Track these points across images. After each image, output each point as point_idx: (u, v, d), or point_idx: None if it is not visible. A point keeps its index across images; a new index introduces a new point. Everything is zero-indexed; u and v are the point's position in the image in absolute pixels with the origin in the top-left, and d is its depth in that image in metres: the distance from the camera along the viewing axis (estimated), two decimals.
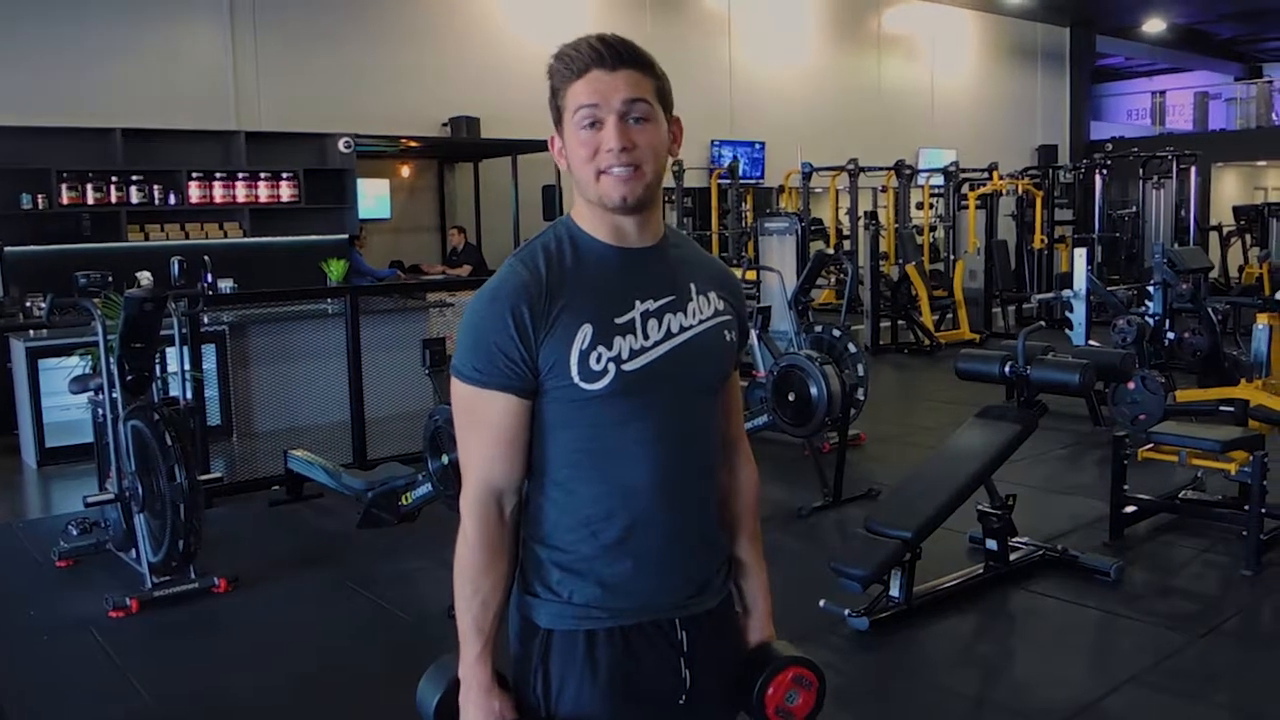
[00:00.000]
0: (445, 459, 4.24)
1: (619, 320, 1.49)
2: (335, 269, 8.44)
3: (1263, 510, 4.61)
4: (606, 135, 1.47)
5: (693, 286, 1.58)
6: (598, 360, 1.46)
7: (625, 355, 1.48)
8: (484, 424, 1.48)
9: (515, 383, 1.47)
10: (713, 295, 1.60)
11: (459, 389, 1.50)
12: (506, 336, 1.45)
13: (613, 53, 1.48)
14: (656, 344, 1.51)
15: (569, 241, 1.53)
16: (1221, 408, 5.50)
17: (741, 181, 13.38)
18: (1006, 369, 4.57)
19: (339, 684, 3.71)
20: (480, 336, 1.47)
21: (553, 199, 10.98)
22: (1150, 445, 5.25)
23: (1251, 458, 4.64)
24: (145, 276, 7.05)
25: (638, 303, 1.51)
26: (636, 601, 1.53)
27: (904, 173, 12.70)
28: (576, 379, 1.46)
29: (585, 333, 1.47)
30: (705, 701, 1.60)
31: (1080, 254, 7.81)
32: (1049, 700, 3.48)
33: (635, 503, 1.51)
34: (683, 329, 1.54)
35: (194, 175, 8.90)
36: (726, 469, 1.70)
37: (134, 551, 4.52)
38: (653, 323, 1.51)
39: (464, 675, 1.53)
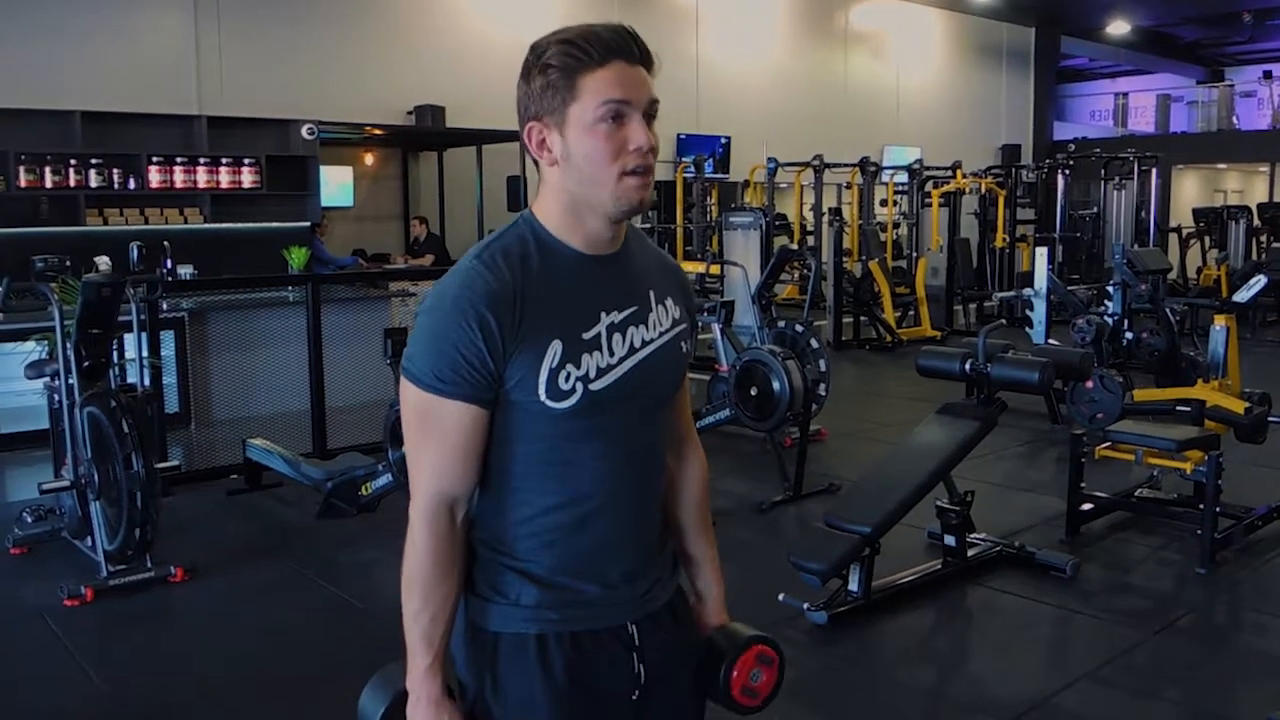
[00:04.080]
0: (404, 449, 4.22)
1: (586, 336, 1.44)
2: (297, 257, 8.35)
3: (1217, 509, 4.68)
4: (634, 134, 1.40)
5: (652, 295, 1.54)
6: (566, 379, 1.42)
7: (592, 374, 1.44)
8: (440, 433, 1.41)
9: (478, 393, 1.40)
10: (669, 303, 1.56)
11: (414, 394, 1.41)
12: (472, 346, 1.37)
13: (639, 45, 1.42)
14: (621, 360, 1.47)
15: (535, 244, 1.45)
16: (1178, 407, 5.59)
17: (707, 176, 13.40)
18: (967, 366, 4.61)
19: (295, 674, 3.68)
20: (442, 343, 1.38)
21: (517, 190, 10.95)
22: (1107, 444, 5.32)
23: (1206, 457, 4.71)
24: (104, 261, 6.89)
25: (603, 314, 1.47)
26: (588, 607, 1.51)
27: (869, 169, 12.76)
28: (544, 398, 1.41)
29: (554, 350, 1.41)
30: (661, 696, 1.59)
31: (1041, 253, 7.89)
32: (1004, 695, 3.52)
33: (589, 511, 1.49)
34: (644, 343, 1.50)
35: (154, 159, 8.77)
36: (676, 463, 1.69)
37: (89, 539, 4.46)
38: (617, 337, 1.47)
39: (412, 688, 1.47)
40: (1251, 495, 5.24)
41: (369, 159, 11.74)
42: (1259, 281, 7.60)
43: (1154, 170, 14.79)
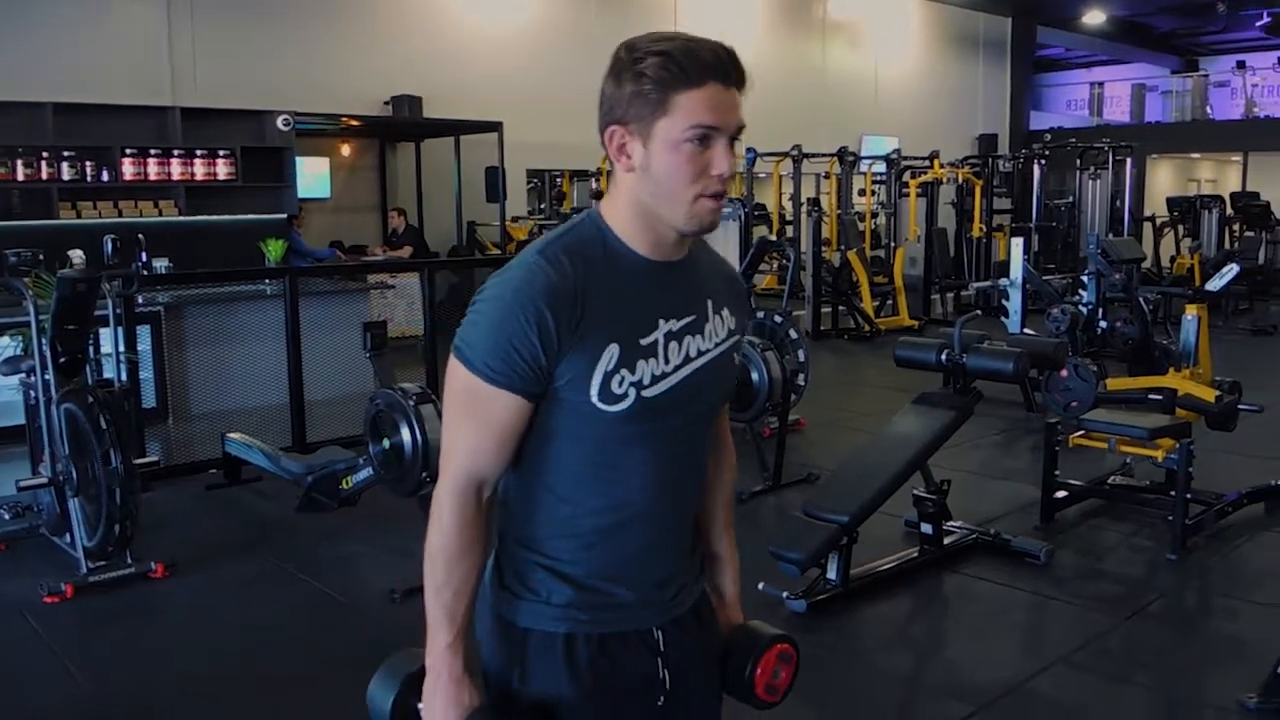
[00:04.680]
0: (386, 443, 4.23)
1: (644, 341, 1.44)
2: (273, 249, 8.33)
3: (1188, 496, 4.75)
4: (718, 159, 1.40)
5: (710, 304, 1.54)
6: (620, 384, 1.42)
7: (647, 381, 1.44)
8: (482, 418, 1.42)
9: (526, 386, 1.40)
10: (725, 313, 1.56)
11: (462, 376, 1.41)
12: (528, 341, 1.37)
13: (736, 70, 1.41)
14: (676, 368, 1.47)
15: (601, 245, 1.45)
16: (1150, 396, 5.66)
17: None
18: (943, 357, 4.65)
19: (278, 669, 3.69)
20: (499, 334, 1.38)
21: (496, 181, 10.93)
22: (1081, 432, 5.39)
23: (1178, 445, 4.78)
24: (77, 255, 6.89)
25: (661, 322, 1.46)
26: (618, 609, 1.52)
27: (847, 159, 12.81)
28: (596, 400, 1.41)
29: (611, 353, 1.41)
30: (685, 699, 1.60)
31: (1017, 243, 7.95)
32: (980, 680, 3.57)
33: (630, 518, 1.50)
34: (700, 353, 1.50)
35: (128, 151, 8.68)
36: (710, 463, 1.70)
37: (69, 536, 4.45)
38: (673, 345, 1.47)
39: (432, 664, 1.49)
40: (1222, 482, 5.31)
41: (345, 150, 11.68)
42: (1231, 270, 7.67)
43: (1129, 160, 14.88)
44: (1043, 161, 14.65)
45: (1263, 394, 6.26)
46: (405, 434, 4.12)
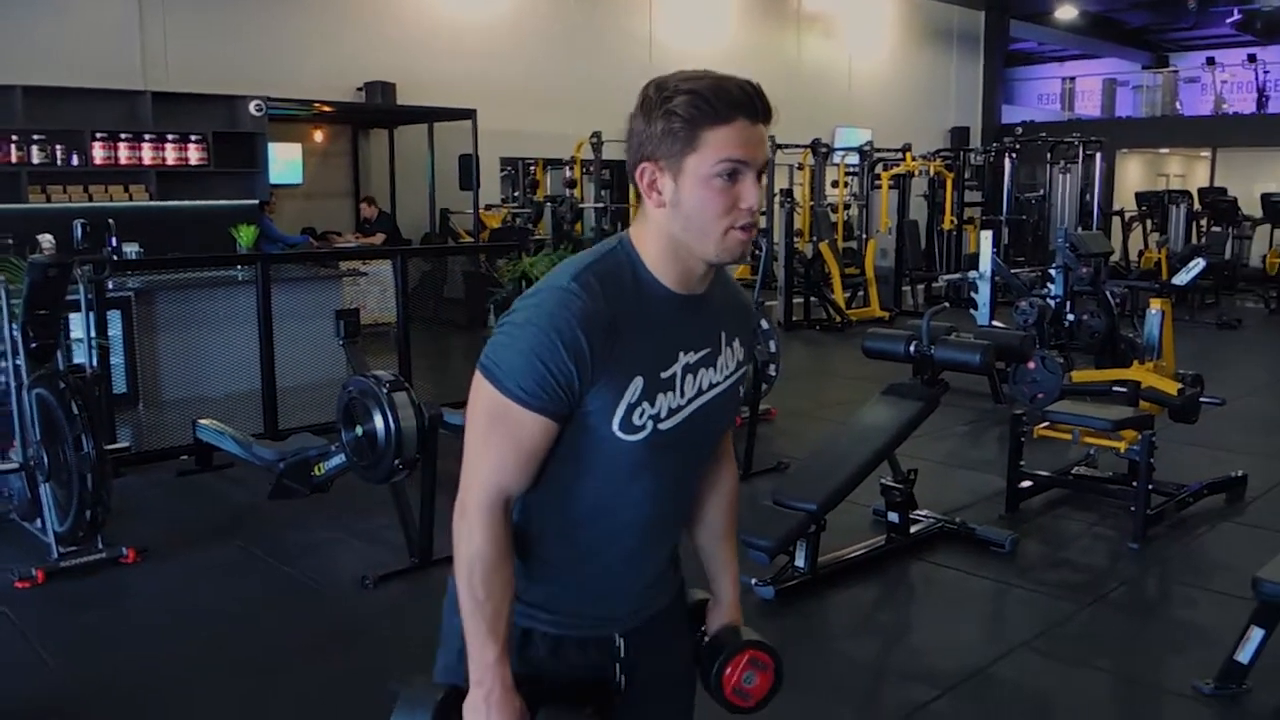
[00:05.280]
0: (359, 430, 4.24)
1: (664, 375, 1.47)
2: (245, 235, 8.28)
3: (1150, 487, 4.84)
4: (746, 193, 1.43)
5: (723, 337, 1.57)
6: (640, 416, 1.45)
7: (664, 414, 1.47)
8: (512, 437, 1.43)
9: (557, 408, 1.42)
10: (736, 344, 1.60)
11: (491, 396, 1.42)
12: (563, 366, 1.39)
13: (763, 106, 1.44)
14: (690, 400, 1.51)
15: (632, 275, 1.47)
16: (1115, 388, 5.75)
17: None
18: (911, 349, 4.71)
19: (250, 654, 3.70)
20: (532, 358, 1.39)
21: (470, 169, 10.91)
22: (1046, 423, 5.48)
23: (1141, 437, 4.86)
24: (47, 239, 6.83)
25: (680, 354, 1.50)
26: (583, 618, 1.57)
27: (820, 151, 12.87)
28: (617, 430, 1.45)
29: (636, 386, 1.44)
30: (644, 700, 1.64)
31: (986, 237, 8.03)
32: (945, 665, 3.64)
33: (623, 538, 1.55)
34: (711, 386, 1.54)
35: (98, 135, 8.61)
36: (711, 476, 1.75)
37: (39, 521, 4.44)
38: (689, 378, 1.51)
39: (479, 679, 1.46)
40: (1183, 473, 5.42)
41: (318, 136, 11.61)
42: (1198, 264, 7.80)
43: (1099, 154, 15.03)
44: (1014, 155, 14.76)
45: (1225, 387, 6.39)
46: (378, 421, 4.14)
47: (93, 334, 5.13)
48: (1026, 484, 5.32)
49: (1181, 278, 7.84)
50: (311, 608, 4.12)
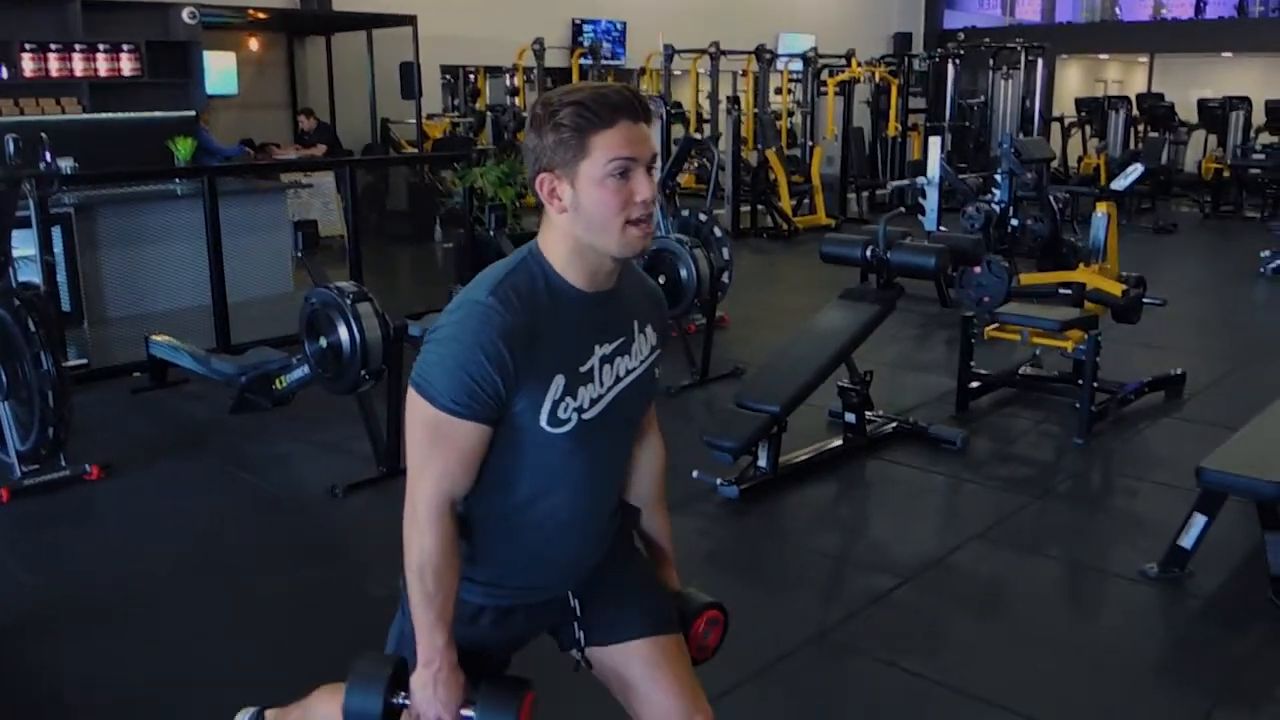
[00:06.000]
0: (323, 341, 4.23)
1: (582, 369, 1.61)
2: (183, 147, 8.07)
3: (1094, 385, 5.00)
4: (640, 187, 1.53)
5: (636, 325, 1.70)
6: (564, 410, 1.59)
7: (586, 405, 1.61)
8: (451, 446, 1.55)
9: (488, 414, 1.54)
10: (649, 330, 1.74)
11: (427, 411, 1.54)
12: (488, 377, 1.51)
13: (641, 105, 1.54)
14: (609, 389, 1.65)
15: (544, 281, 1.58)
16: (1060, 290, 5.89)
17: (603, 63, 13.25)
18: (868, 253, 4.79)
19: (220, 563, 3.74)
20: (460, 373, 1.51)
21: (411, 77, 10.68)
22: (995, 325, 5.61)
23: (1086, 336, 5.01)
24: None
25: (596, 347, 1.63)
26: (533, 591, 1.76)
27: (764, 57, 12.77)
28: (544, 425, 1.58)
29: (558, 384, 1.57)
30: (604, 639, 1.81)
31: (935, 142, 8.08)
32: (903, 556, 3.78)
33: (562, 514, 1.69)
34: (628, 372, 1.68)
35: (28, 46, 8.30)
36: (637, 450, 1.88)
37: (1, 441, 4.39)
38: (606, 368, 1.64)
39: (429, 659, 1.61)
40: (1126, 372, 5.60)
41: (253, 44, 11.27)
42: (1136, 170, 7.91)
43: (1040, 60, 15.06)
44: (956, 61, 14.77)
45: (1164, 288, 6.57)
46: (343, 332, 4.13)
47: (40, 251, 5.02)
48: (976, 384, 5.47)
49: (1120, 183, 7.94)
50: (282, 518, 4.16)
